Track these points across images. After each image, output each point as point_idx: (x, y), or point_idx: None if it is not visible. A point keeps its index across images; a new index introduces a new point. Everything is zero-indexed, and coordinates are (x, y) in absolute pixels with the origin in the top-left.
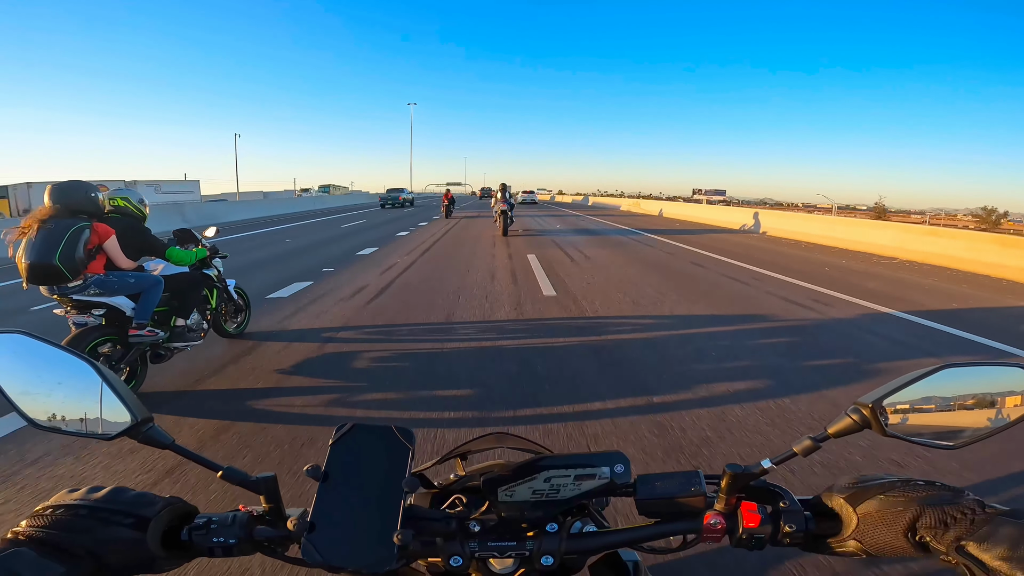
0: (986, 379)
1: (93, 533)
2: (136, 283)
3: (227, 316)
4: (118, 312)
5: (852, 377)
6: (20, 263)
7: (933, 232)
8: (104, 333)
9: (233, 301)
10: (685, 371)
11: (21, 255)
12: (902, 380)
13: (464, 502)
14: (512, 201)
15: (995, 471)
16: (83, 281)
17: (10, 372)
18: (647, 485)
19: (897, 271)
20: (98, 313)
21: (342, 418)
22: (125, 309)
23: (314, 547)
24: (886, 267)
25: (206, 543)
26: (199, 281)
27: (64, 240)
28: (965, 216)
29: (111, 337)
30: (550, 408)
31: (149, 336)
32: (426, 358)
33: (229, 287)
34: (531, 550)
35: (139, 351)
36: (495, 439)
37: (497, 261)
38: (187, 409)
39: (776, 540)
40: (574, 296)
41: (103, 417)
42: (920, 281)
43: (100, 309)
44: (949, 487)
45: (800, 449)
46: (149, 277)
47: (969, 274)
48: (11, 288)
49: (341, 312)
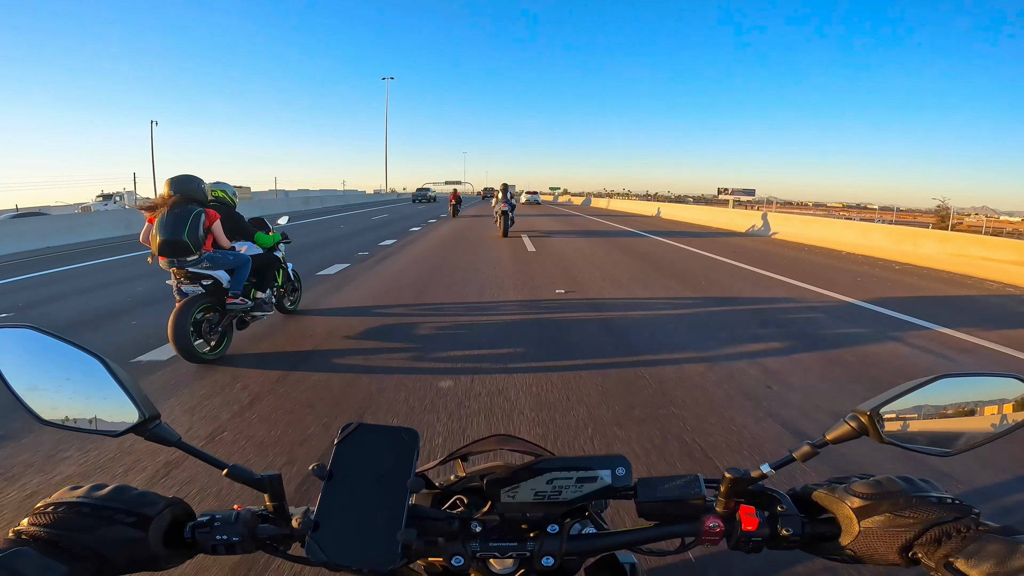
0: (982, 388)
1: (95, 532)
2: (234, 260)
3: (286, 294)
4: (218, 284)
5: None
6: (154, 239)
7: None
8: (206, 301)
9: (291, 281)
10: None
11: (155, 233)
12: (900, 389)
13: (465, 503)
14: (513, 202)
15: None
16: (199, 256)
17: (18, 367)
18: (648, 488)
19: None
20: (206, 284)
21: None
22: (223, 281)
23: (318, 546)
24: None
25: (209, 541)
26: (272, 261)
27: (189, 222)
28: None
29: (211, 305)
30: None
31: (241, 304)
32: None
33: (288, 269)
34: (532, 551)
35: (231, 317)
36: (496, 441)
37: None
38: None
39: (773, 543)
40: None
41: (110, 413)
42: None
43: (206, 280)
44: (958, 504)
45: (799, 455)
46: (242, 255)
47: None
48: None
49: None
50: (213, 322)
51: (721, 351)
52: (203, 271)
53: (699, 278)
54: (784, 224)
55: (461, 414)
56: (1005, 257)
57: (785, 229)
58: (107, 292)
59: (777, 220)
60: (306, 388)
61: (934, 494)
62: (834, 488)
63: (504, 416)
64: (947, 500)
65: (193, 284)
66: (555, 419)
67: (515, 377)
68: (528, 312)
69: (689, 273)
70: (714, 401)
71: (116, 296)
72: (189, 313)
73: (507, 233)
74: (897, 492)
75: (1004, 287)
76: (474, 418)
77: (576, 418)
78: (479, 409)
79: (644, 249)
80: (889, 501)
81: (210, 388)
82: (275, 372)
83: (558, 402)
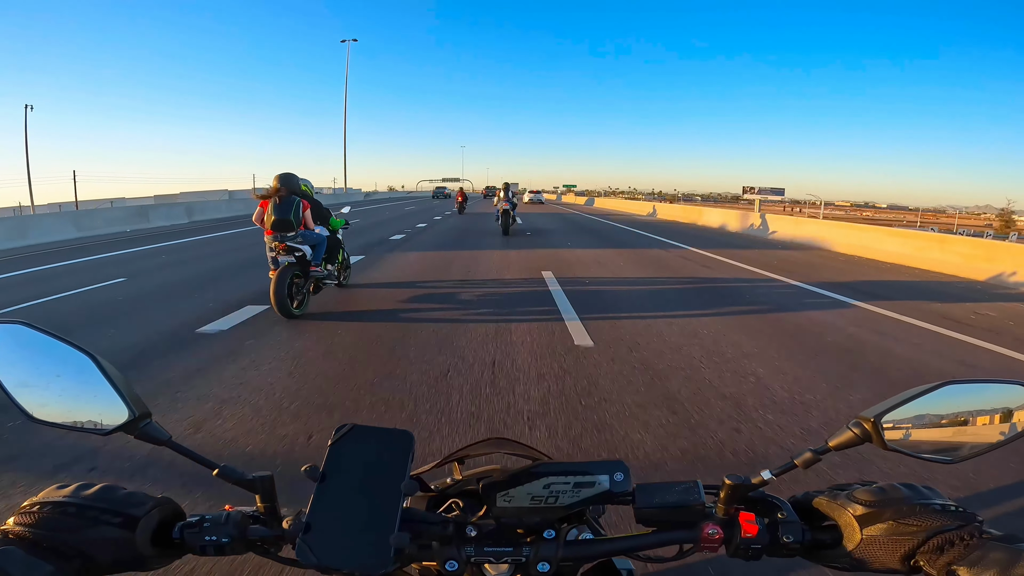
0: (987, 396)
1: (81, 532)
2: (316, 238)
3: (341, 270)
4: (304, 256)
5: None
6: (268, 219)
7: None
8: (295, 269)
9: (346, 259)
10: None
11: (269, 214)
12: (904, 396)
13: (460, 506)
14: (515, 200)
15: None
16: (295, 233)
17: (9, 363)
18: (646, 494)
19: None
20: (296, 255)
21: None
22: (307, 254)
23: (309, 548)
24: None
25: (197, 542)
26: (336, 242)
27: (293, 207)
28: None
29: (298, 272)
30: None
31: (319, 272)
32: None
33: (344, 250)
34: (528, 556)
35: (311, 282)
36: (494, 444)
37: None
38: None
39: (773, 550)
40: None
41: (101, 411)
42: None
43: (297, 252)
44: (962, 512)
45: (800, 462)
46: (321, 235)
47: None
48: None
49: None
50: (299, 286)
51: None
52: (297, 244)
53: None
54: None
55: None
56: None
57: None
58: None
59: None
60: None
61: (937, 502)
62: (836, 495)
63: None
64: (950, 508)
65: (287, 255)
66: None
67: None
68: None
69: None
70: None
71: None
72: (285, 279)
73: (508, 231)
74: (900, 499)
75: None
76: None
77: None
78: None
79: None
80: (892, 509)
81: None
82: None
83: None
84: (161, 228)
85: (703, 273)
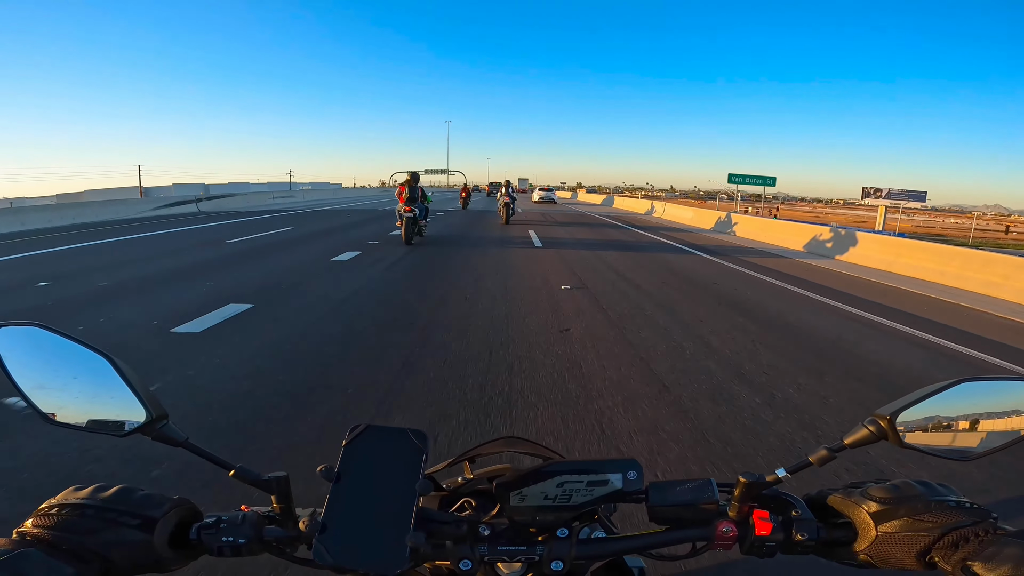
0: (1002, 394)
1: (100, 534)
2: (420, 207)
3: (421, 231)
4: (415, 215)
5: None
6: (404, 196)
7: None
8: (413, 223)
9: (426, 221)
10: None
11: (405, 195)
12: (919, 393)
13: (473, 505)
14: (515, 195)
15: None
16: (417, 203)
17: (25, 365)
18: (659, 492)
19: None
20: (415, 215)
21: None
22: (419, 214)
23: (325, 548)
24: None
25: (214, 543)
26: (425, 211)
27: (418, 191)
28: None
29: (414, 222)
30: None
31: (423, 225)
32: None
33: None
34: (541, 555)
35: (419, 229)
36: (505, 443)
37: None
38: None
39: (787, 548)
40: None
41: (118, 413)
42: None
43: (416, 212)
44: (977, 508)
45: (815, 459)
46: (423, 205)
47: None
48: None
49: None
50: (414, 230)
51: None
52: (416, 206)
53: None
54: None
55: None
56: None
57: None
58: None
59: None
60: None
61: (952, 498)
62: (850, 492)
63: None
64: (965, 504)
65: (409, 213)
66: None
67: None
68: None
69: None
70: None
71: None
72: (410, 226)
73: (508, 221)
74: (915, 496)
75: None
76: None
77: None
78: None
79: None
80: (907, 506)
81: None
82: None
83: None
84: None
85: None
